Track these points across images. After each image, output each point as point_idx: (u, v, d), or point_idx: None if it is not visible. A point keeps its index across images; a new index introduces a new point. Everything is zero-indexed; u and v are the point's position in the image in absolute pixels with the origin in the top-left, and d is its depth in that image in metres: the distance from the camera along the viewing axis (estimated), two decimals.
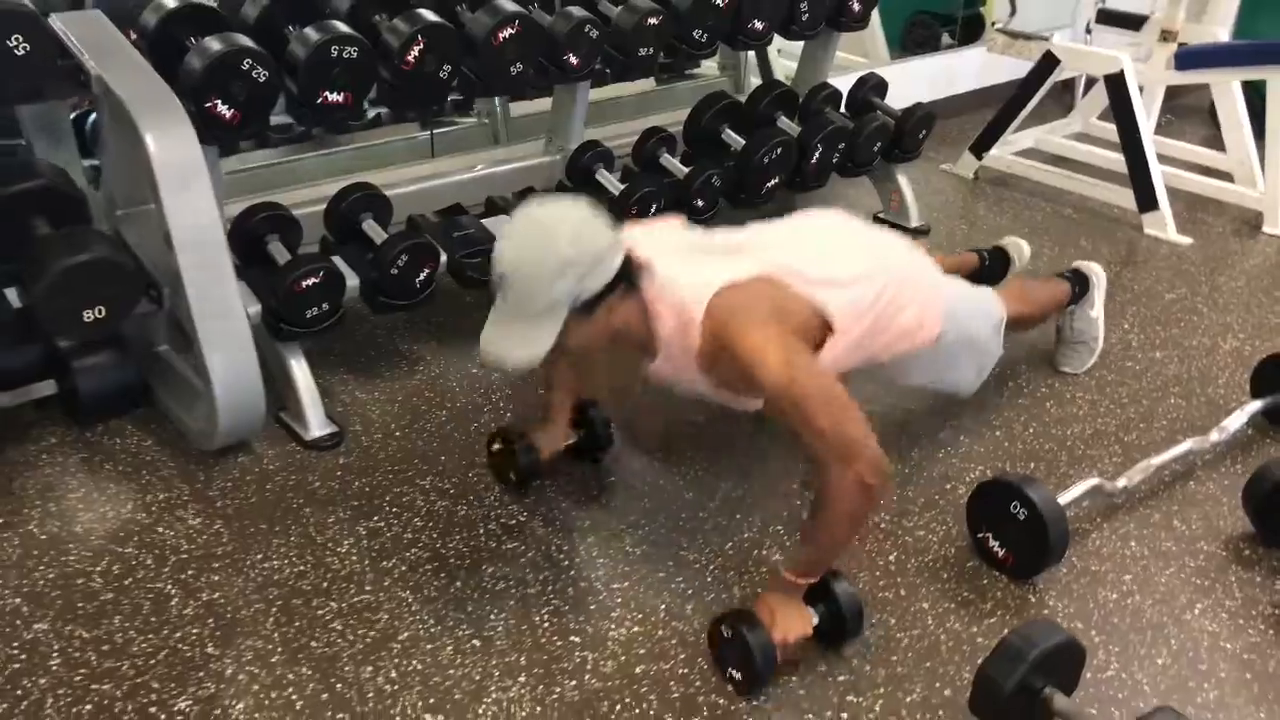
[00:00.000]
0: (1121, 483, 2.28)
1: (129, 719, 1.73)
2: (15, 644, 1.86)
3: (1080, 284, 2.75)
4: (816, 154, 3.19)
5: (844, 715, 1.79)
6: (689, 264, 1.93)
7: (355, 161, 3.22)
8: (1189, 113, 4.79)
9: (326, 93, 2.32)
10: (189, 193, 2.12)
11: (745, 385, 1.88)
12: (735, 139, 3.14)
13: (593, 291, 1.74)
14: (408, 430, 2.50)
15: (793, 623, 1.82)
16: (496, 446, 2.28)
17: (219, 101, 2.21)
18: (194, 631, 1.90)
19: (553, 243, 1.70)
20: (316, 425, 2.44)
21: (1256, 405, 2.55)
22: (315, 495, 2.27)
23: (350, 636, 1.91)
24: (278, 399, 2.47)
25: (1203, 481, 2.42)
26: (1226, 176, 4.04)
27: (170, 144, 2.10)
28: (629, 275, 1.82)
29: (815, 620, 1.85)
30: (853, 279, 2.05)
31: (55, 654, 1.84)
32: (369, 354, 2.80)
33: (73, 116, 2.76)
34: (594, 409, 2.31)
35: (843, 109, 3.50)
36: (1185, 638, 1.99)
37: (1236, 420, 2.48)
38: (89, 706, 1.75)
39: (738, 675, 1.81)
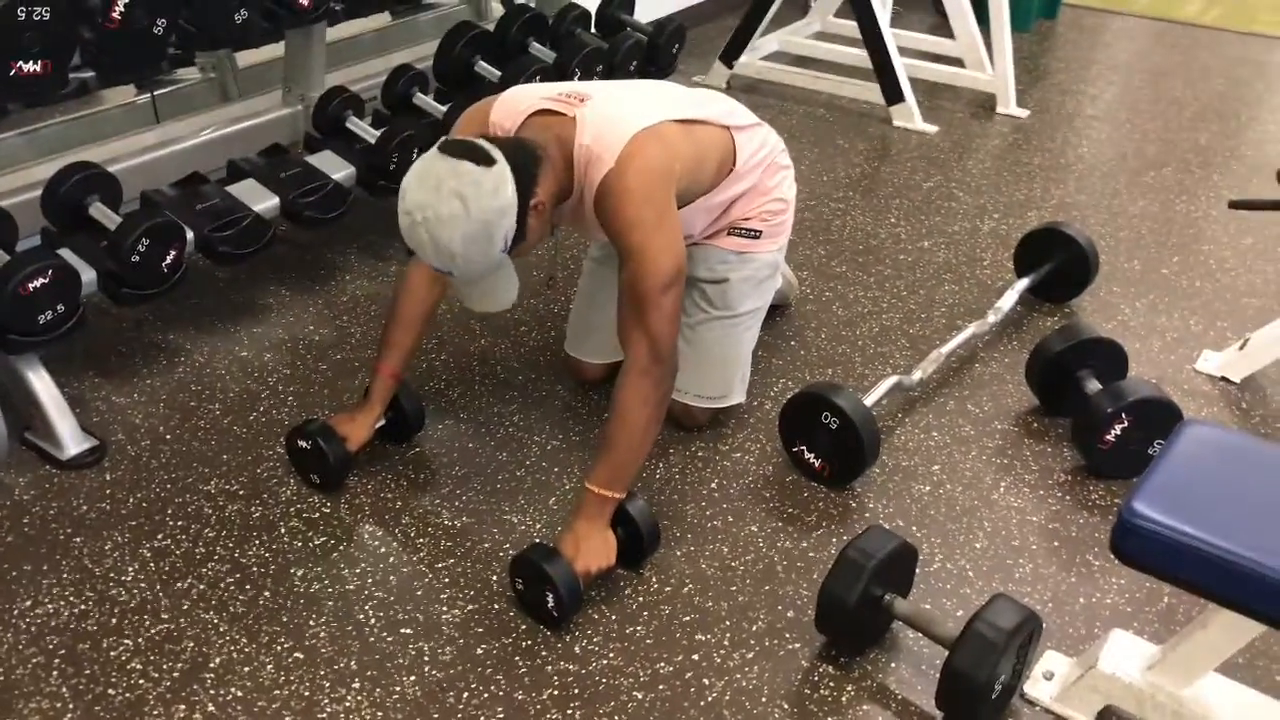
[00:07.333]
0: (917, 375, 2.35)
1: None
2: None
3: None
4: (575, 78, 3.08)
5: (695, 656, 1.77)
6: (615, 96, 1.93)
7: (66, 137, 2.83)
8: (913, 3, 4.95)
9: (20, 64, 2.02)
10: None
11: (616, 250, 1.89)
12: (490, 70, 2.98)
13: (514, 227, 1.72)
14: (179, 431, 2.26)
15: (596, 553, 1.81)
16: (301, 445, 2.06)
17: None
18: None
19: (466, 225, 1.65)
20: (71, 441, 2.16)
21: (1024, 283, 2.68)
22: (84, 521, 2.01)
23: (154, 674, 1.71)
24: (20, 420, 2.17)
25: (986, 363, 2.54)
26: (957, 62, 4.21)
27: None
28: (531, 173, 1.76)
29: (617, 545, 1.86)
30: (754, 124, 2.16)
31: None
32: (119, 351, 2.51)
33: None
34: (405, 389, 2.16)
35: (593, 29, 3.40)
36: (996, 518, 2.08)
37: (1008, 300, 2.61)
38: None
39: (551, 609, 1.77)
